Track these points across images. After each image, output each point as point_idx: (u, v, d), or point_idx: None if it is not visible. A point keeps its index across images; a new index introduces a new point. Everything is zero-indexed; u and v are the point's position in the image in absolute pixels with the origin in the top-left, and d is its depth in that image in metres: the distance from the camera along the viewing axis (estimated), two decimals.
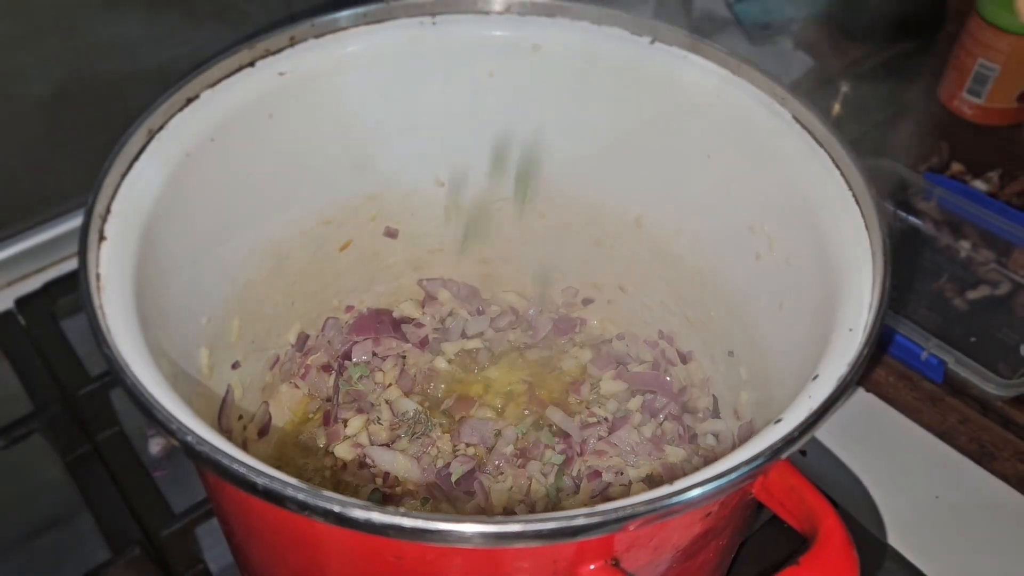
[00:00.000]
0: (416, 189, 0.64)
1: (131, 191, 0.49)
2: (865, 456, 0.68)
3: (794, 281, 0.53)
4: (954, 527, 0.65)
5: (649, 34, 0.57)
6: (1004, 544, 0.64)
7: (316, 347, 0.67)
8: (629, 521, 0.36)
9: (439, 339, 0.68)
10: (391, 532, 0.35)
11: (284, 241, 0.61)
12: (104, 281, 0.44)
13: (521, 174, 0.63)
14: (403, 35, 0.58)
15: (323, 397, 0.66)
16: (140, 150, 0.50)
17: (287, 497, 0.36)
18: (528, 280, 0.70)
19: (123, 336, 0.42)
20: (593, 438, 0.63)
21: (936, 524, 0.65)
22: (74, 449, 0.65)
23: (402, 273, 0.69)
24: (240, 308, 0.59)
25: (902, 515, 0.65)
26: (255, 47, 0.55)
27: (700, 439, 0.63)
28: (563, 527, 0.36)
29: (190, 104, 0.52)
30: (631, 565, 0.42)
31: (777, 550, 0.61)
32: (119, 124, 0.51)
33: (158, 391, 0.39)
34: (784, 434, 0.39)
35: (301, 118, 0.57)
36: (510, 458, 0.62)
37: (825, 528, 0.41)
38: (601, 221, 0.65)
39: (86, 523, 0.63)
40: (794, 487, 0.43)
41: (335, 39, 0.57)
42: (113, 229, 0.47)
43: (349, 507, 0.35)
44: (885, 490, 0.67)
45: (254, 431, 0.61)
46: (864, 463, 0.68)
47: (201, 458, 0.37)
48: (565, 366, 0.68)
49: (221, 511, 0.50)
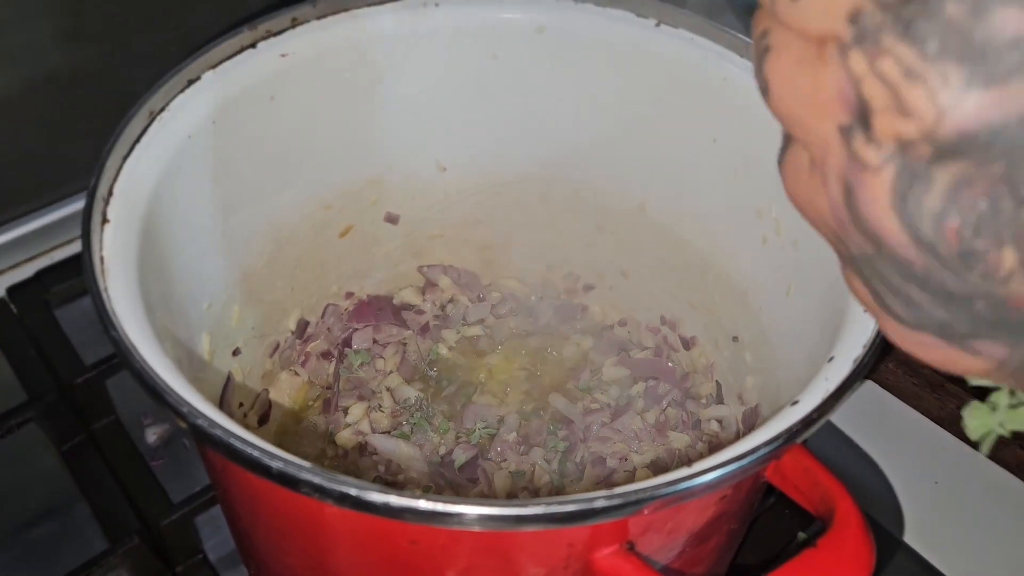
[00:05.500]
0: (417, 173, 0.64)
1: (133, 173, 0.48)
2: (863, 442, 0.68)
3: (802, 265, 0.53)
4: (954, 513, 0.65)
5: (655, 16, 0.57)
6: (1003, 529, 0.65)
7: (316, 334, 0.66)
8: (648, 504, 0.36)
9: (440, 326, 0.68)
10: (408, 516, 0.35)
11: (284, 225, 0.60)
12: (108, 263, 0.43)
13: None
14: (406, 17, 0.57)
15: (323, 384, 0.65)
16: (141, 132, 0.49)
17: (302, 481, 0.35)
18: (529, 266, 0.69)
19: (129, 319, 0.41)
20: (596, 424, 0.62)
21: (936, 510, 0.65)
22: (70, 438, 0.64)
23: (402, 259, 0.68)
24: (241, 294, 0.58)
25: (902, 501, 0.65)
26: (257, 28, 0.54)
27: (704, 425, 0.63)
28: (583, 509, 0.35)
29: (191, 85, 0.52)
30: (645, 549, 0.42)
31: (780, 535, 0.61)
32: (112, 110, 0.50)
33: (167, 375, 0.39)
34: (802, 416, 0.39)
35: (303, 101, 0.57)
36: (513, 445, 0.62)
37: (841, 511, 0.40)
38: (604, 206, 0.64)
39: (83, 513, 0.62)
40: (808, 469, 0.42)
41: (337, 20, 0.56)
42: (116, 212, 0.46)
43: (366, 490, 0.35)
44: (884, 476, 0.66)
45: (254, 418, 0.61)
46: (862, 449, 0.68)
47: (213, 441, 0.37)
48: (567, 353, 0.67)
49: (227, 497, 0.50)
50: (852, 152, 0.24)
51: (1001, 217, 0.23)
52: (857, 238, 0.26)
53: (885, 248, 0.25)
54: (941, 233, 0.24)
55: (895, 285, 0.26)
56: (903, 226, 0.24)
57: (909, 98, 0.23)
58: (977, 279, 0.24)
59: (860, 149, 0.24)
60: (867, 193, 0.25)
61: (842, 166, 0.25)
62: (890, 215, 0.24)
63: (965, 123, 0.22)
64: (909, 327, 0.27)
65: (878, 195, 0.24)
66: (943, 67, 0.22)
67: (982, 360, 0.26)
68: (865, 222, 0.25)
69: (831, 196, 0.26)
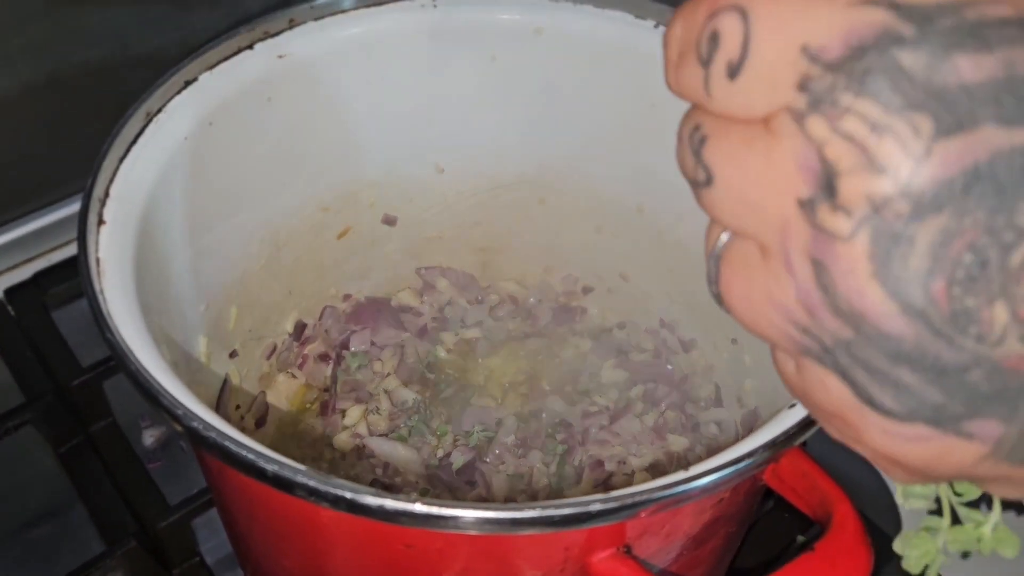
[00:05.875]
0: (415, 175, 0.64)
1: (129, 175, 0.48)
2: None
3: None
4: None
5: (653, 18, 0.57)
6: None
7: (314, 336, 0.66)
8: (644, 507, 0.36)
9: (438, 328, 0.68)
10: (403, 519, 0.35)
11: (282, 228, 0.60)
12: (104, 265, 0.43)
13: None
14: (404, 18, 0.57)
15: (321, 387, 0.65)
16: (138, 133, 0.49)
17: (297, 483, 0.35)
18: (528, 268, 0.69)
19: (125, 321, 0.41)
20: (595, 427, 0.62)
21: None
22: (67, 441, 0.64)
23: (400, 261, 0.68)
24: (238, 296, 0.58)
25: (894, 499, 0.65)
26: (254, 29, 0.54)
27: (702, 428, 0.63)
28: (579, 513, 0.35)
29: (188, 87, 0.52)
30: (642, 552, 0.42)
31: (779, 538, 0.61)
32: (110, 112, 0.50)
33: (163, 377, 0.39)
34: (800, 418, 0.39)
35: (300, 102, 0.56)
36: (511, 448, 0.62)
37: (839, 514, 0.41)
38: (603, 208, 0.64)
39: (80, 515, 0.62)
40: (806, 473, 0.43)
41: (335, 21, 0.56)
42: (112, 213, 0.46)
43: (361, 493, 0.35)
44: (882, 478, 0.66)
45: (251, 421, 0.61)
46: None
47: (208, 444, 0.36)
48: (565, 355, 0.67)
49: (223, 500, 0.50)
50: (818, 225, 0.23)
51: (989, 269, 0.22)
52: (832, 324, 0.24)
53: (868, 326, 0.23)
54: (930, 296, 0.22)
55: (882, 370, 0.24)
56: (888, 295, 0.23)
57: (880, 153, 0.22)
58: (971, 343, 0.22)
59: (827, 219, 0.23)
60: (842, 266, 0.23)
61: (807, 243, 0.23)
62: (872, 285, 0.22)
63: (943, 171, 0.21)
64: (898, 420, 0.24)
65: (855, 266, 0.23)
66: (910, 117, 0.21)
67: (976, 445, 0.24)
68: (843, 299, 0.23)
69: (799, 281, 0.24)
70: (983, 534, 0.34)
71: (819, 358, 0.25)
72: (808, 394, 0.26)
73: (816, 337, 0.24)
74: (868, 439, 0.25)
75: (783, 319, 0.25)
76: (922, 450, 0.24)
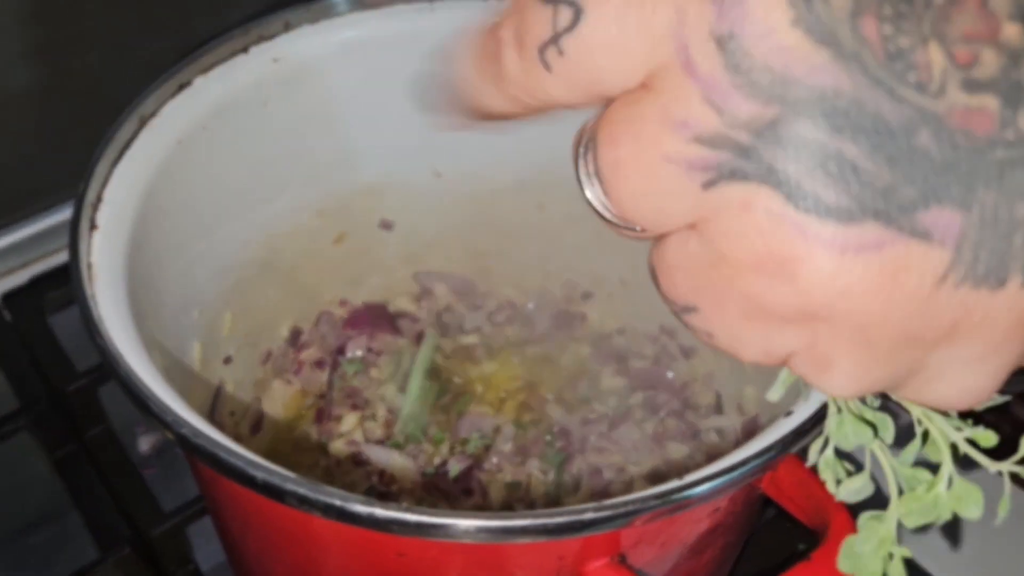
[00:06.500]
0: (412, 180, 0.63)
1: (122, 179, 0.47)
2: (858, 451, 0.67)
3: None
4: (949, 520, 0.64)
5: None
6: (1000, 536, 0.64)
7: (309, 342, 0.66)
8: (638, 516, 0.36)
9: (435, 334, 0.67)
10: (394, 527, 0.34)
11: (277, 232, 0.60)
12: (96, 271, 0.43)
13: None
14: (401, 21, 0.57)
15: (316, 393, 0.65)
16: (131, 137, 0.49)
17: (287, 491, 0.35)
18: (527, 274, 0.69)
19: (116, 327, 0.41)
20: (593, 435, 0.62)
21: None
22: (62, 446, 0.63)
23: (397, 266, 0.68)
24: (233, 301, 0.58)
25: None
26: (249, 32, 0.54)
27: (703, 435, 0.62)
28: (571, 521, 0.35)
29: (182, 90, 0.51)
30: (637, 561, 0.41)
31: (780, 548, 0.61)
32: (106, 117, 0.50)
33: (153, 383, 0.38)
34: (795, 426, 0.39)
35: (295, 106, 0.56)
36: (509, 455, 0.61)
37: (836, 523, 0.40)
38: None
39: (74, 522, 0.61)
40: (803, 481, 0.42)
41: (331, 25, 0.56)
42: (105, 217, 0.46)
43: (351, 502, 0.34)
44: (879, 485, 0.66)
45: (246, 427, 0.60)
46: (856, 458, 0.67)
47: (198, 451, 0.36)
48: (564, 362, 0.67)
49: (215, 507, 0.49)
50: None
51: (915, 2, 0.20)
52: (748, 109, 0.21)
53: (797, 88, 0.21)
54: (860, 35, 0.20)
55: (819, 149, 0.21)
56: (815, 42, 0.20)
57: None
58: (912, 94, 0.20)
59: None
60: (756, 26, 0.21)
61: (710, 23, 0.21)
62: (795, 34, 0.20)
63: None
64: (845, 221, 0.21)
65: (771, 16, 0.20)
66: None
67: (936, 249, 0.21)
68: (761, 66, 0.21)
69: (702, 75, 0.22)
70: (938, 495, 0.30)
71: (735, 171, 0.22)
72: (727, 237, 0.23)
73: (730, 140, 0.22)
74: (810, 270, 0.22)
75: (683, 146, 0.22)
76: (876, 268, 0.22)
